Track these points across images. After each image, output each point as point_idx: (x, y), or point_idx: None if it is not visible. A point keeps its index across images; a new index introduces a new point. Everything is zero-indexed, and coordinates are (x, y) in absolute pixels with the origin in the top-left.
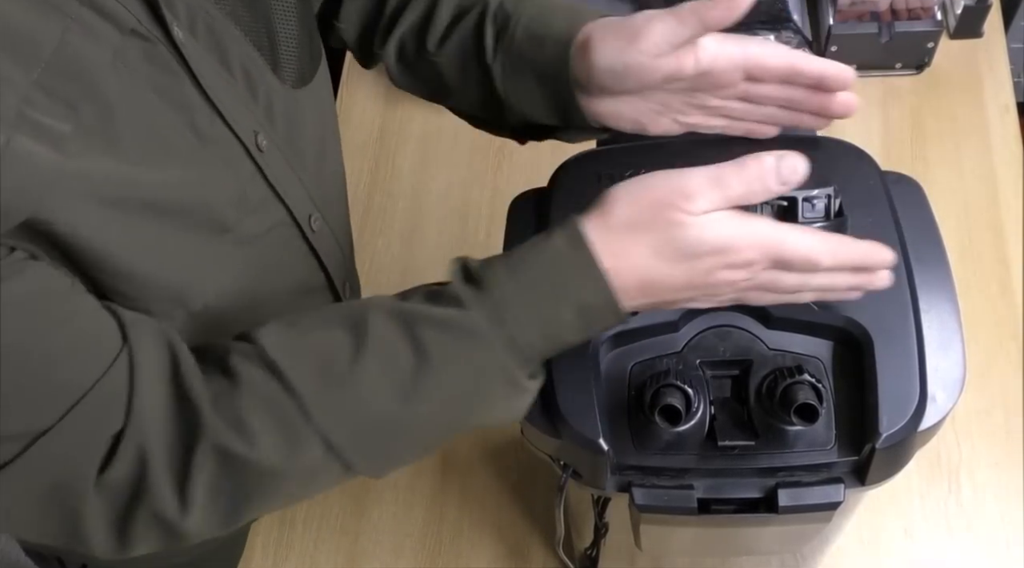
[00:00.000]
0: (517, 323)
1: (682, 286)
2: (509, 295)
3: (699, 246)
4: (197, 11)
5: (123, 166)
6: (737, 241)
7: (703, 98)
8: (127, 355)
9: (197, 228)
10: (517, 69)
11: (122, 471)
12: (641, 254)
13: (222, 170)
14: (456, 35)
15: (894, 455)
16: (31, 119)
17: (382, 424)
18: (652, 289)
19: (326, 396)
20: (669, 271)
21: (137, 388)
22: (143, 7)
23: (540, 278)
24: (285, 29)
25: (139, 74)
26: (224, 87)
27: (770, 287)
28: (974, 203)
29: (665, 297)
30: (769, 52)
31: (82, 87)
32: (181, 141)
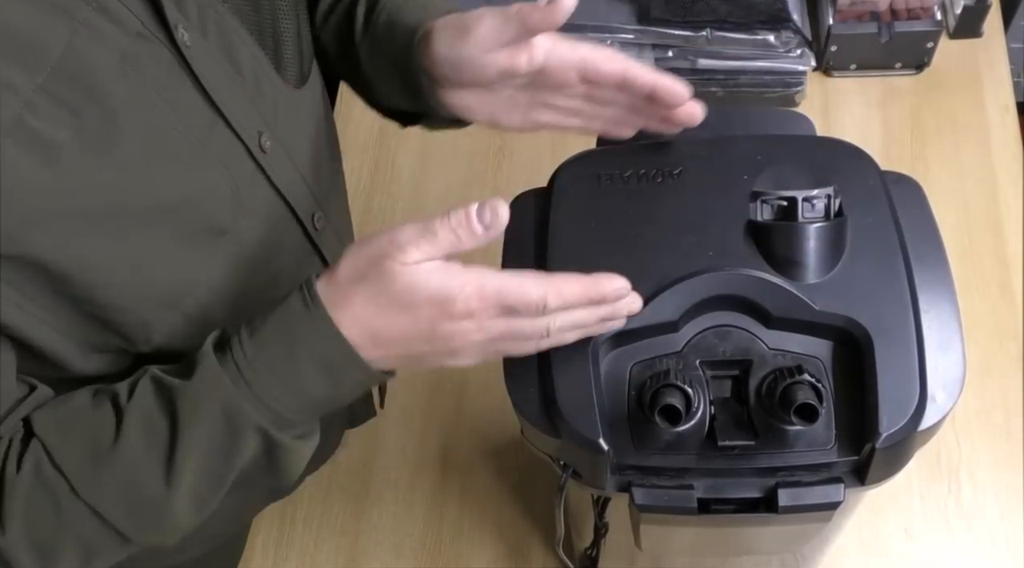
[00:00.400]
0: (259, 381)
1: (410, 337)
2: (250, 355)
3: (412, 295)
4: (208, 11)
5: (117, 174)
6: (451, 290)
7: (547, 96)
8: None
9: (190, 232)
10: (376, 54)
11: None
12: (362, 305)
13: (219, 172)
14: (335, 15)
15: (894, 455)
16: (28, 127)
17: (149, 492)
18: (381, 340)
19: (91, 470)
20: (389, 321)
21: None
22: (148, 10)
23: (276, 335)
24: (286, 28)
25: (144, 77)
26: (229, 88)
27: (514, 336)
28: (974, 203)
29: (399, 350)
30: (602, 57)
31: (87, 91)
32: (181, 143)
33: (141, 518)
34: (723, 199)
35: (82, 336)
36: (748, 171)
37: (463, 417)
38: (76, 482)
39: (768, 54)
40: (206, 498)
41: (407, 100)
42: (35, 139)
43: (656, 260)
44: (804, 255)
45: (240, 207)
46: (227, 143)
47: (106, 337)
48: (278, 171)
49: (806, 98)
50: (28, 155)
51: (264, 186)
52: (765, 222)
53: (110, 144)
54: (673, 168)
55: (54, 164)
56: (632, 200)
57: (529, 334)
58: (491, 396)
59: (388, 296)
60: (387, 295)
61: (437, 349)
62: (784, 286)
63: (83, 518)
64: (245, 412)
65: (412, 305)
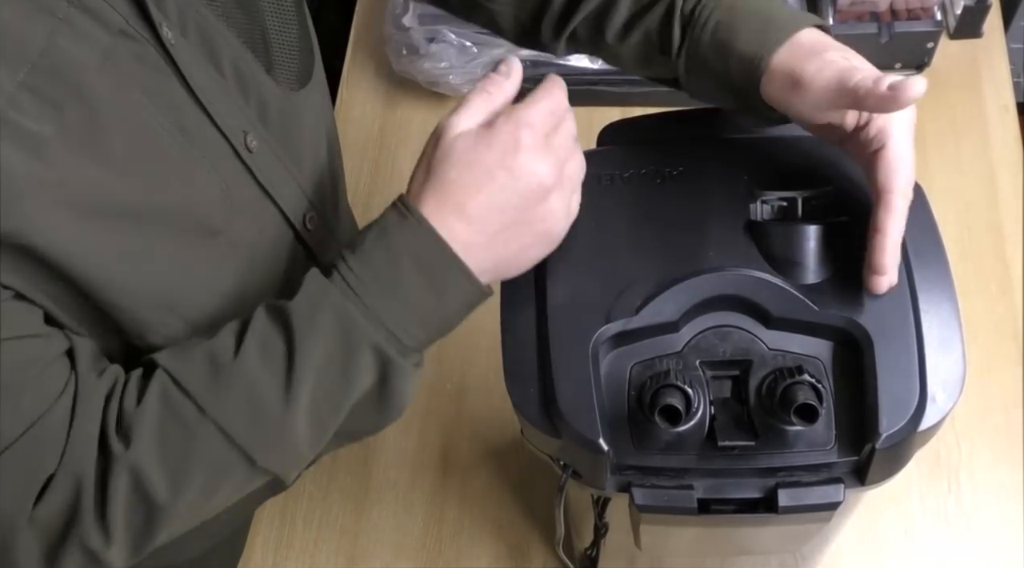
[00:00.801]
0: (367, 292)
1: (493, 193)
2: (356, 268)
3: (473, 151)
4: (188, 12)
5: (105, 170)
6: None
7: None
8: (71, 392)
9: (182, 231)
10: (702, 74)
11: (55, 506)
12: (441, 186)
13: (206, 170)
14: (639, 30)
15: (894, 455)
16: (12, 122)
17: (271, 408)
18: (470, 213)
19: (215, 389)
20: (467, 187)
21: (76, 427)
22: (132, 8)
23: (376, 247)
24: (281, 31)
25: (128, 75)
26: (214, 88)
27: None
28: (974, 203)
29: (491, 220)
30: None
31: (69, 88)
32: (168, 141)
33: (264, 436)
34: (723, 199)
35: (84, 316)
36: (748, 171)
37: (463, 417)
38: (202, 401)
39: None
40: (324, 421)
41: (727, 103)
42: (21, 133)
43: (656, 260)
44: (804, 255)
45: (231, 207)
46: (213, 142)
47: (107, 321)
48: (265, 171)
49: None
50: (17, 148)
51: (251, 186)
52: (765, 222)
53: (94, 141)
54: (673, 168)
55: (42, 158)
56: (632, 200)
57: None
58: (491, 396)
59: (455, 165)
60: (454, 165)
61: (523, 192)
62: (784, 286)
63: (210, 437)
64: (358, 323)
65: (479, 160)
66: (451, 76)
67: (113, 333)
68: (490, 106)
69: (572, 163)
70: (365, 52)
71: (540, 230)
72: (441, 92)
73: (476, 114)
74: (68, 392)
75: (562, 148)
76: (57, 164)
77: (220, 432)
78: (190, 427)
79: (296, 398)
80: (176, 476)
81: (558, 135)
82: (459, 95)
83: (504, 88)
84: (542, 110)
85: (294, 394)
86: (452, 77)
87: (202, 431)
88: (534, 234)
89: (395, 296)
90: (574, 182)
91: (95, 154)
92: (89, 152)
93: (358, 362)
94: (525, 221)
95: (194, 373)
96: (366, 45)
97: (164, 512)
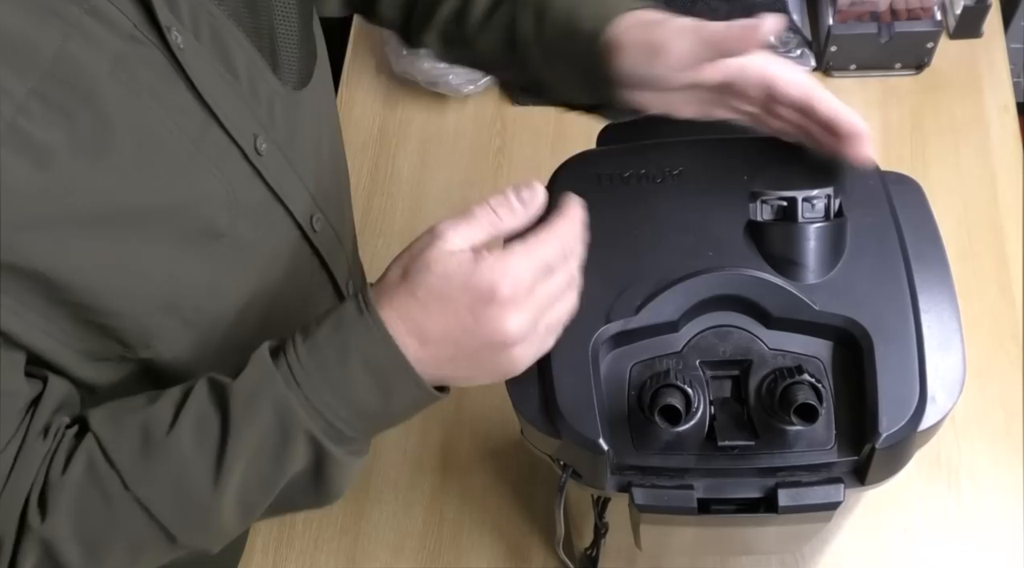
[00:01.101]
0: (311, 385)
1: (454, 330)
2: (303, 358)
3: (448, 283)
4: (201, 13)
5: (110, 178)
6: (482, 274)
7: (728, 98)
8: (14, 451)
9: (187, 236)
10: (552, 60)
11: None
12: (405, 300)
13: (213, 174)
14: (493, 24)
15: (894, 455)
16: (22, 131)
17: (198, 491)
18: (427, 337)
19: (143, 465)
20: (431, 315)
21: (10, 485)
22: (140, 12)
23: (328, 339)
24: (286, 30)
25: (137, 80)
26: (224, 91)
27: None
28: (974, 203)
29: (448, 349)
30: (791, 79)
31: (80, 95)
32: (175, 147)
33: (188, 517)
34: (723, 199)
35: (81, 345)
36: (748, 171)
37: (463, 417)
38: (128, 476)
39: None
40: (252, 504)
41: (584, 96)
42: (29, 143)
43: (656, 260)
44: (804, 255)
45: (236, 210)
46: (221, 146)
47: (105, 344)
48: (274, 173)
49: None
50: (22, 159)
51: (260, 189)
52: (765, 222)
53: (104, 147)
54: (673, 168)
55: (48, 168)
56: (632, 200)
57: (566, 282)
58: (491, 396)
59: (426, 287)
60: (425, 286)
61: (486, 341)
62: (784, 286)
63: (133, 514)
64: (297, 415)
65: (449, 295)
66: (451, 76)
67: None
68: (493, 230)
69: (554, 312)
70: (365, 52)
71: (494, 370)
72: (441, 92)
73: (475, 233)
74: (11, 450)
75: (546, 298)
76: (63, 174)
77: (143, 509)
78: (112, 501)
79: (225, 482)
80: (93, 549)
81: (548, 283)
82: (459, 95)
83: (517, 216)
84: (536, 260)
85: (223, 478)
86: (452, 77)
87: (124, 506)
88: (487, 372)
89: (340, 394)
90: (552, 328)
91: (103, 161)
92: (97, 160)
93: (291, 450)
94: (479, 362)
95: (124, 444)
96: (366, 45)
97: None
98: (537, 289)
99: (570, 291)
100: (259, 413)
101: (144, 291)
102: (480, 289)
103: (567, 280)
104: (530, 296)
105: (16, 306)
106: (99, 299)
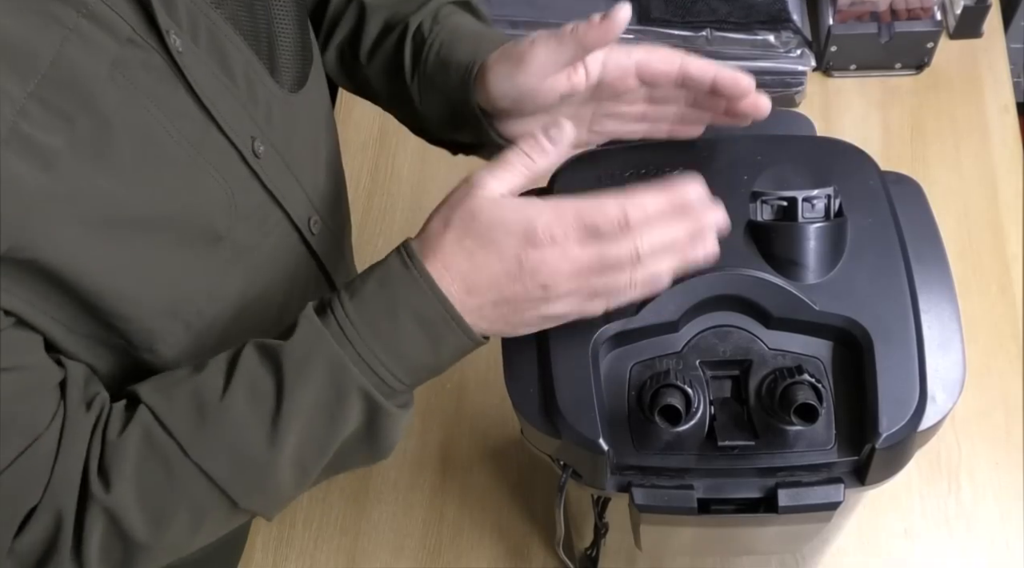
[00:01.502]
0: (362, 341)
1: (499, 276)
2: (352, 315)
3: (493, 230)
4: (199, 17)
5: (112, 182)
6: (529, 217)
7: (611, 106)
8: (59, 425)
9: (187, 240)
10: (429, 92)
11: (35, 539)
12: (451, 250)
13: (213, 178)
14: (381, 52)
15: (894, 455)
16: (23, 134)
17: (256, 453)
18: (473, 285)
19: (200, 431)
20: (476, 262)
21: (60, 461)
22: (139, 16)
23: (376, 295)
24: (283, 33)
25: (136, 83)
26: (222, 94)
27: (604, 265)
28: (974, 203)
29: (492, 295)
30: (657, 57)
31: (79, 99)
32: (175, 150)
33: (247, 480)
34: (723, 199)
35: (90, 333)
36: (748, 171)
37: (463, 417)
38: (185, 443)
39: (768, 54)
40: (308, 465)
41: (465, 134)
42: (31, 146)
43: None
44: (804, 255)
45: (236, 213)
46: (220, 149)
47: (112, 338)
48: (272, 176)
49: (806, 98)
50: (26, 162)
51: (258, 191)
52: (765, 222)
53: (104, 151)
54: (673, 168)
55: (52, 169)
56: None
57: (619, 260)
58: (491, 396)
59: (472, 235)
60: (471, 234)
61: (529, 288)
62: (784, 286)
63: (193, 480)
64: (351, 373)
65: (494, 240)
66: None
67: (119, 349)
68: (528, 172)
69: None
70: None
71: (532, 321)
72: None
73: (513, 178)
74: (56, 425)
75: (596, 258)
76: (67, 177)
77: (203, 474)
78: (172, 468)
79: (282, 443)
80: (157, 516)
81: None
82: None
83: (548, 155)
84: (585, 218)
85: (280, 439)
86: None
87: (184, 472)
88: (526, 322)
89: (391, 349)
90: (599, 294)
91: (104, 165)
92: (98, 163)
93: (346, 408)
94: (520, 311)
95: (178, 412)
96: None
97: (144, 550)
98: (587, 248)
99: (630, 267)
100: (313, 372)
101: (149, 294)
102: (526, 232)
103: (627, 253)
104: (578, 249)
105: (29, 295)
106: (106, 300)
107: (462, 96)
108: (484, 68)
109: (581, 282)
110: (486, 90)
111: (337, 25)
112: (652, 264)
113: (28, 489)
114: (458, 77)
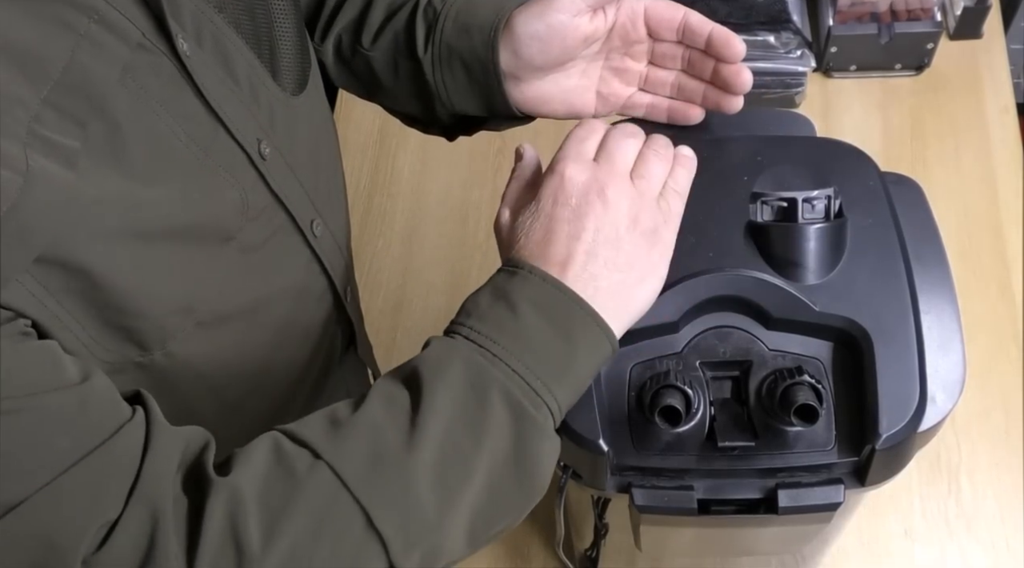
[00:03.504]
0: (493, 342)
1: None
2: (477, 325)
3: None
4: (203, 21)
5: (129, 185)
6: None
7: (618, 61)
8: (141, 425)
9: (202, 239)
10: (446, 60)
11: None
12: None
13: (225, 180)
14: (389, 30)
15: (894, 456)
16: (45, 138)
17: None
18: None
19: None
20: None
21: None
22: (149, 21)
23: (491, 306)
24: (283, 36)
25: (146, 88)
26: (228, 97)
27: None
28: (974, 203)
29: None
30: (663, 5)
31: (91, 104)
32: (186, 154)
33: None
34: (723, 200)
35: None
36: (748, 172)
37: None
38: (319, 447)
39: (768, 55)
40: (451, 482)
41: (478, 102)
42: (52, 147)
43: None
44: (804, 256)
45: (247, 214)
46: (229, 151)
47: (124, 349)
48: (277, 178)
49: (806, 99)
50: (55, 163)
51: (265, 193)
52: (765, 223)
53: (118, 154)
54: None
55: (74, 169)
56: None
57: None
58: None
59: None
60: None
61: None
62: (784, 287)
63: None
64: (488, 372)
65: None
66: None
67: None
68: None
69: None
70: None
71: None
72: None
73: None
74: (137, 424)
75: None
76: (88, 178)
77: (333, 474)
78: (297, 472)
79: (420, 445)
80: (274, 520)
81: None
82: None
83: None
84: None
85: (418, 439)
86: None
87: (312, 473)
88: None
89: (519, 341)
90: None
91: (119, 169)
92: (113, 167)
93: (487, 410)
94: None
95: (311, 427)
96: None
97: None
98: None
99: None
100: (450, 372)
101: (166, 292)
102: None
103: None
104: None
105: (43, 294)
106: (129, 299)
107: (483, 57)
108: (511, 18)
109: (620, 181)
110: (513, 39)
111: (338, 14)
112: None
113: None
114: (482, 37)
